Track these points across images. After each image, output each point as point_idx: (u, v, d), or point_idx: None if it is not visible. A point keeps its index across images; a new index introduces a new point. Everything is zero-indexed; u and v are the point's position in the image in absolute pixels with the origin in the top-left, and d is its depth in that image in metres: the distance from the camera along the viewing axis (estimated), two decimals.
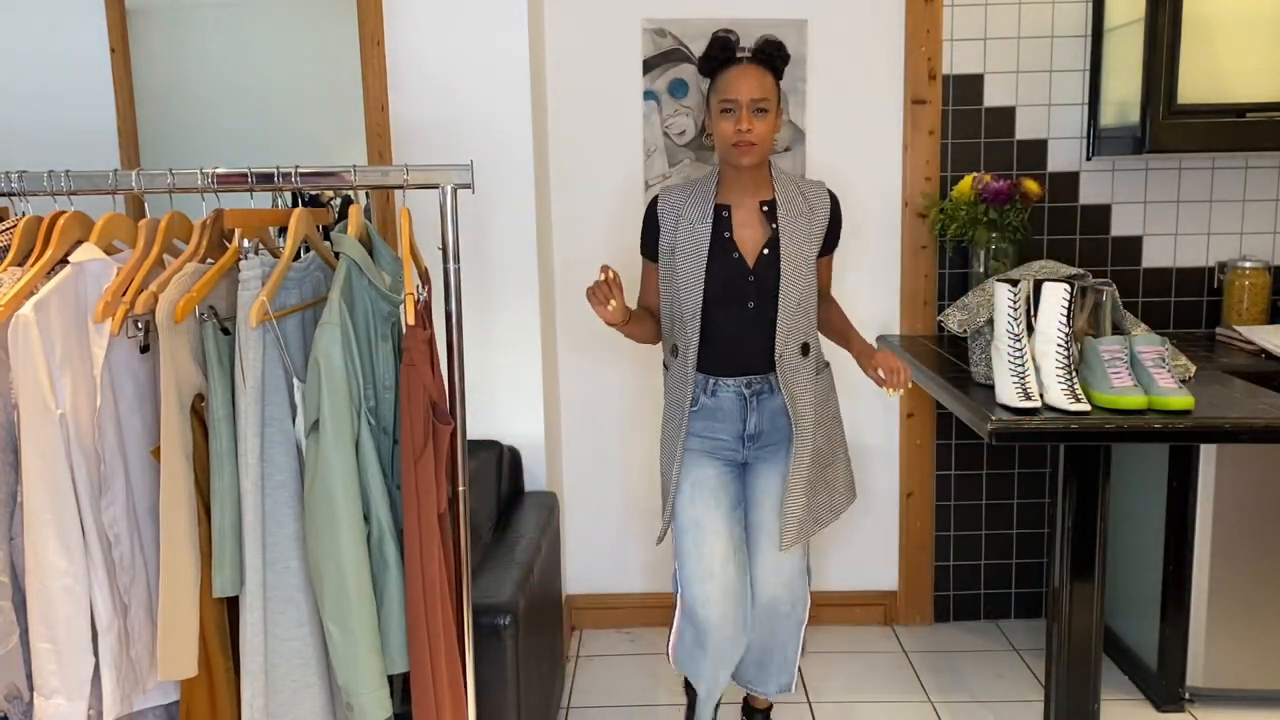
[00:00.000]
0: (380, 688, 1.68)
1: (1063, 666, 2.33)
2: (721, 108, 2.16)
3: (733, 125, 2.14)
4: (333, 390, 1.60)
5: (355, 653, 1.65)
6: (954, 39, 3.01)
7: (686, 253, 2.21)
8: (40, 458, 1.55)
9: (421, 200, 2.22)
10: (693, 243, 2.21)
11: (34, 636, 1.59)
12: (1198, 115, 2.70)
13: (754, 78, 2.14)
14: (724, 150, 2.19)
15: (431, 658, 1.71)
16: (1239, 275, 3.01)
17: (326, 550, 1.62)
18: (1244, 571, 2.60)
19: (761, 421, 2.28)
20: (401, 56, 2.68)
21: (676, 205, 2.26)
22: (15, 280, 1.66)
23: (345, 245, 1.70)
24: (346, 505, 1.62)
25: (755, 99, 2.13)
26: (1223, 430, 2.08)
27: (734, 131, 2.13)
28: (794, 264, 2.20)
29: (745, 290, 2.21)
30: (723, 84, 2.16)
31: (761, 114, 2.14)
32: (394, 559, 1.71)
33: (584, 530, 3.26)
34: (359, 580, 1.64)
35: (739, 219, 2.24)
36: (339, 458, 1.61)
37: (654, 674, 2.99)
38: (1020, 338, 2.19)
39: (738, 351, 2.24)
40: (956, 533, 3.24)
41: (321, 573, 1.63)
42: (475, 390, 2.79)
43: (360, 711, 1.66)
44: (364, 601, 1.65)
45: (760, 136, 2.14)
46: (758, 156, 2.17)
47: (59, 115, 2.73)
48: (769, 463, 2.31)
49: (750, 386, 2.26)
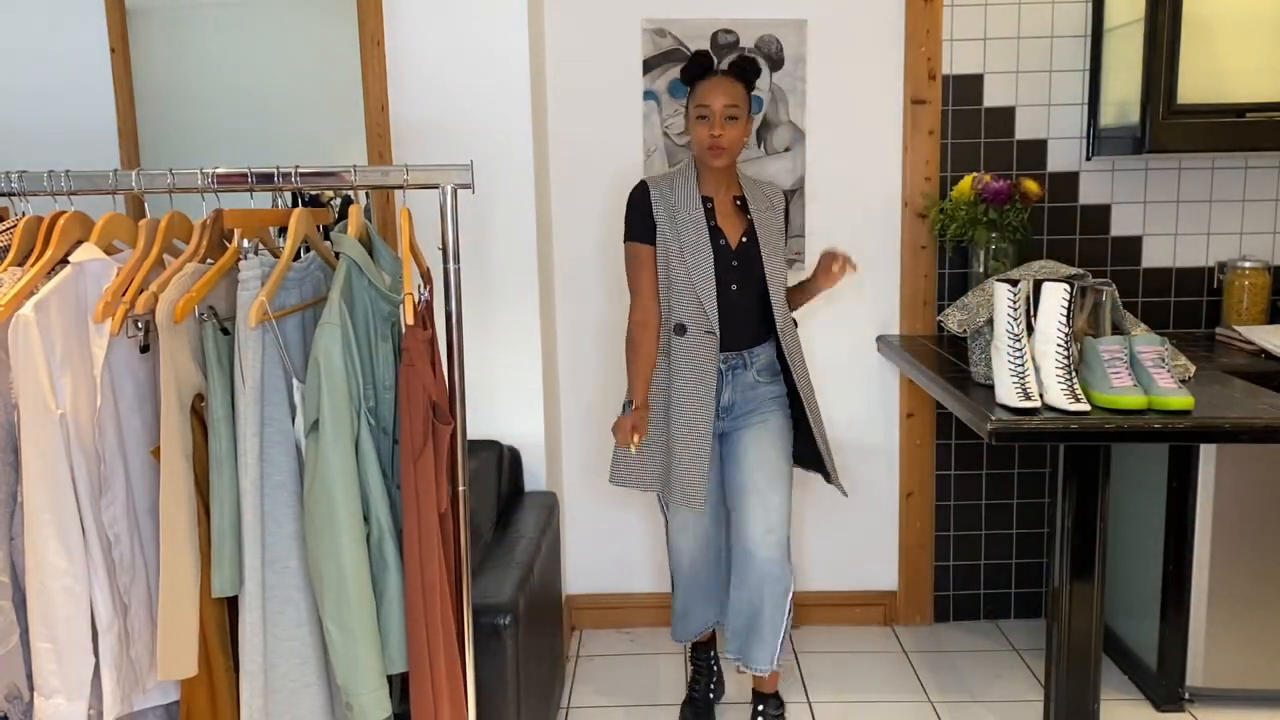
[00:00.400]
0: (379, 688, 1.68)
1: (1063, 666, 2.33)
2: (697, 114, 2.39)
3: (707, 130, 2.37)
4: (332, 390, 1.60)
5: (355, 653, 1.65)
6: (954, 39, 3.01)
7: (692, 241, 2.40)
8: (40, 458, 1.55)
9: (421, 200, 2.22)
10: (695, 231, 2.41)
11: (34, 636, 1.59)
12: (1198, 115, 2.70)
13: (726, 88, 2.37)
14: (699, 152, 2.42)
15: (430, 658, 1.71)
16: (1239, 275, 3.01)
17: (326, 550, 1.62)
18: (1244, 571, 2.60)
19: (735, 395, 2.49)
20: (401, 56, 2.68)
21: (668, 196, 2.44)
22: (15, 280, 1.66)
23: (345, 245, 1.70)
24: (346, 505, 1.62)
25: (727, 105, 2.36)
26: (1223, 430, 2.08)
27: (708, 135, 2.37)
28: (771, 248, 2.45)
29: (731, 274, 2.43)
30: (699, 93, 2.39)
31: (732, 121, 2.37)
32: (393, 559, 1.71)
33: (584, 530, 3.26)
34: (358, 580, 1.64)
35: (720, 210, 2.47)
36: (338, 458, 1.61)
37: (654, 674, 3.00)
38: (1020, 338, 2.19)
39: (723, 331, 2.43)
40: (956, 533, 3.24)
41: (321, 573, 1.63)
42: (475, 390, 2.79)
43: (360, 711, 1.67)
44: (363, 602, 1.65)
45: (730, 141, 2.38)
46: (728, 159, 2.41)
47: (59, 115, 2.73)
48: (745, 429, 2.50)
49: (727, 362, 2.47)
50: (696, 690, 2.75)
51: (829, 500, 3.23)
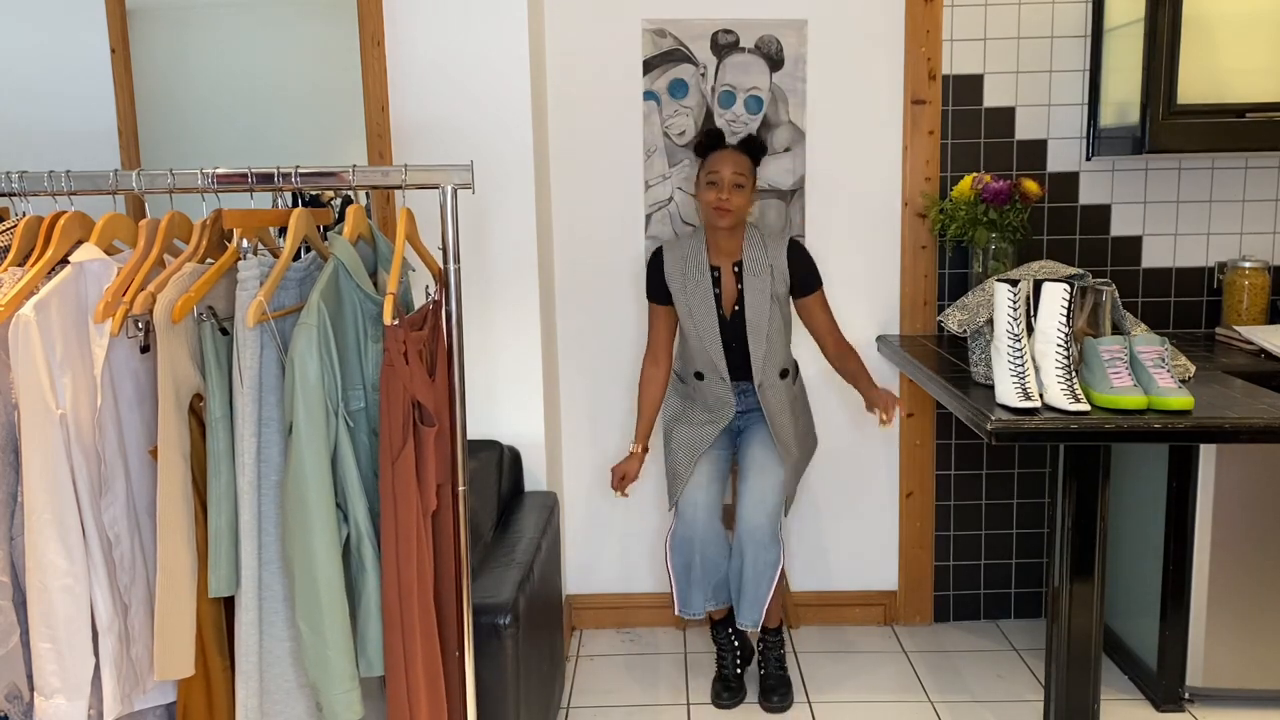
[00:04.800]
0: (350, 689, 1.67)
1: (1063, 666, 2.33)
2: (707, 180, 2.65)
3: (715, 194, 2.63)
4: (306, 392, 1.60)
5: (325, 654, 1.64)
6: (954, 39, 3.02)
7: (699, 307, 2.72)
8: (41, 457, 1.55)
9: (422, 200, 2.22)
10: (702, 298, 2.72)
11: (34, 636, 1.59)
12: (1198, 115, 2.70)
13: (735, 160, 2.64)
14: (707, 214, 2.67)
15: (407, 662, 1.70)
16: (1239, 275, 3.01)
17: (298, 550, 1.61)
18: (1244, 571, 2.60)
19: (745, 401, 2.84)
20: (401, 56, 2.68)
21: (680, 264, 2.74)
22: (16, 280, 1.66)
23: (336, 247, 1.70)
24: (319, 506, 1.61)
25: (735, 173, 2.62)
26: (1223, 430, 2.08)
27: (716, 198, 2.62)
28: (757, 314, 2.71)
29: (731, 335, 2.75)
30: (710, 162, 2.66)
31: (739, 189, 2.63)
32: (371, 562, 1.70)
33: (584, 530, 3.26)
34: (330, 582, 1.63)
35: (724, 280, 2.74)
36: (311, 459, 1.60)
37: (654, 674, 3.00)
38: (1020, 338, 2.19)
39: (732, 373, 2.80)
40: (956, 533, 3.24)
41: (294, 573, 1.63)
42: (475, 390, 2.80)
43: (330, 712, 1.66)
44: (334, 603, 1.64)
45: (736, 206, 2.63)
46: (733, 221, 2.64)
47: (59, 115, 2.73)
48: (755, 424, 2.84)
49: (738, 386, 2.83)
50: (724, 667, 2.88)
51: (829, 501, 3.23)
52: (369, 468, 1.73)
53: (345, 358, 1.70)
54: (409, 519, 1.69)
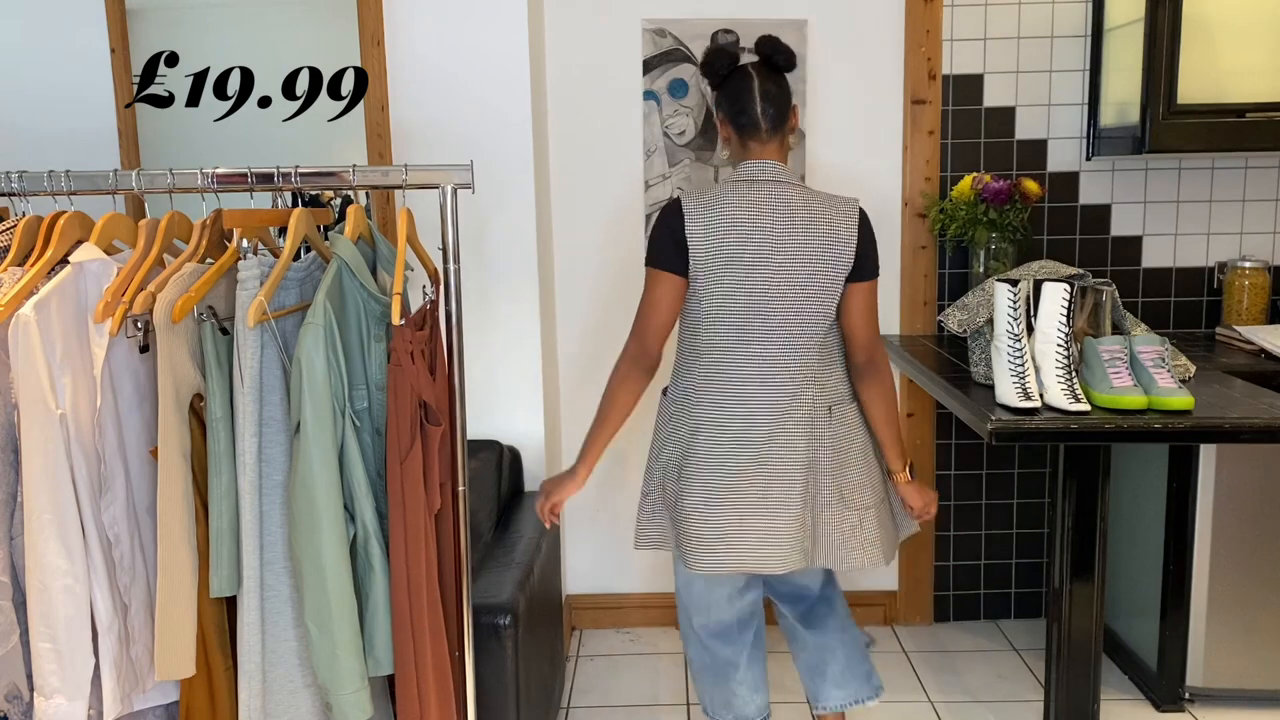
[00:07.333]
0: (359, 689, 1.67)
1: (1063, 666, 2.33)
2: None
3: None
4: (313, 391, 1.60)
5: (334, 653, 1.64)
6: (954, 39, 3.02)
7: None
8: (40, 457, 1.55)
9: (422, 200, 2.22)
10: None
11: (34, 636, 1.59)
12: (1197, 115, 2.70)
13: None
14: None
15: (417, 660, 1.70)
16: (1239, 275, 3.01)
17: (306, 551, 1.61)
18: (1244, 571, 2.60)
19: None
20: (401, 56, 2.68)
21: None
22: (15, 280, 1.66)
23: (339, 246, 1.70)
24: (327, 506, 1.61)
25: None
26: (1223, 430, 2.08)
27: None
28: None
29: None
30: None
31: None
32: (379, 561, 1.70)
33: (584, 530, 3.26)
34: (338, 581, 1.63)
35: None
36: (319, 458, 1.60)
37: (654, 674, 3.00)
38: (1020, 338, 2.19)
39: None
40: (956, 533, 3.24)
41: (302, 572, 1.63)
42: (475, 390, 2.79)
43: (339, 712, 1.66)
44: (343, 603, 1.64)
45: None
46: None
47: (59, 115, 2.73)
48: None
49: None
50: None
51: None
52: (374, 467, 1.73)
53: (349, 357, 1.70)
54: (417, 518, 1.69)
